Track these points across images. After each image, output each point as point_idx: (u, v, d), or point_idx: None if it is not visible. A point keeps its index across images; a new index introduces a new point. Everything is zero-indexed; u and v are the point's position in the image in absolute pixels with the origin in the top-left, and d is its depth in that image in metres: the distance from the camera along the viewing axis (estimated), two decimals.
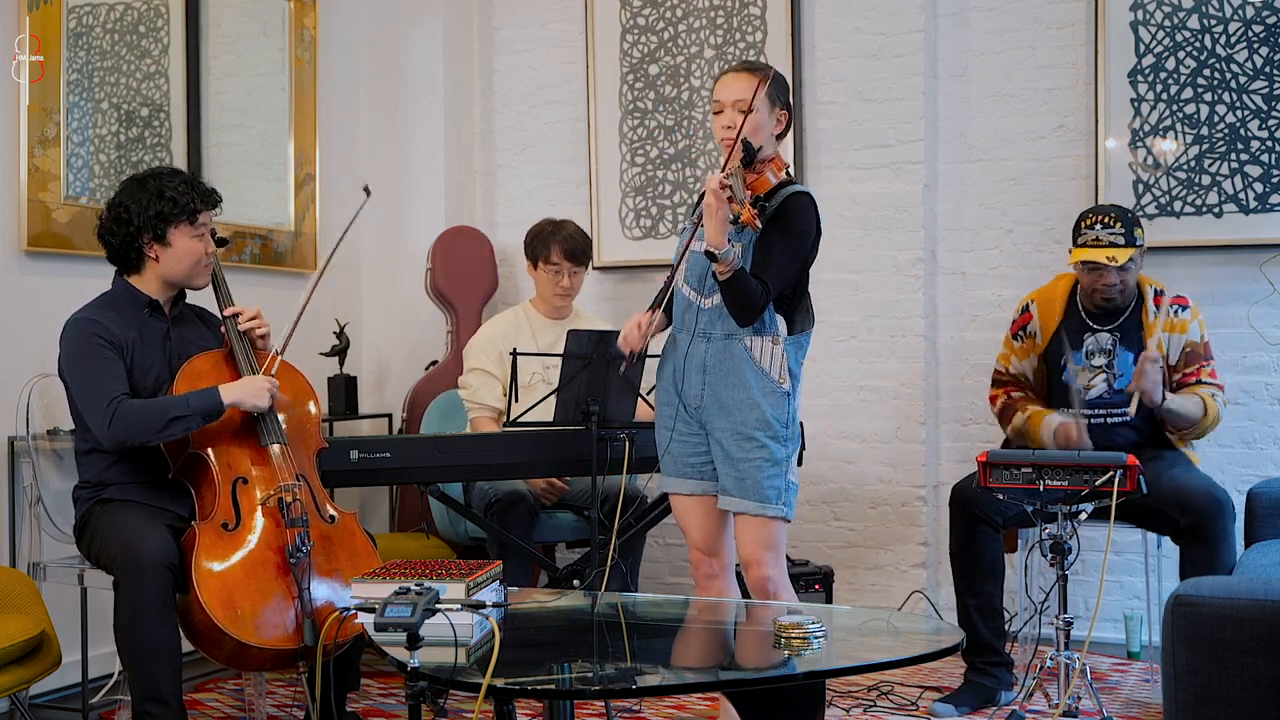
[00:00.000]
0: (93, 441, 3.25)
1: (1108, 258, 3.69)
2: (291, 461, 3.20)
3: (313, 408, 3.41)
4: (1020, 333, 3.96)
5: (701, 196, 3.36)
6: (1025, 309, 3.97)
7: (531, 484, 4.15)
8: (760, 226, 3.00)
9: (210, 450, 3.17)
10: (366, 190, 3.54)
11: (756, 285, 3.05)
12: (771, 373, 3.11)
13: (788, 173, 3.21)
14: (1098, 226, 3.74)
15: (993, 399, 4.02)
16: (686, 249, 3.20)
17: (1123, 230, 3.72)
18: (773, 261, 3.10)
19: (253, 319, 3.37)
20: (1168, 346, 3.80)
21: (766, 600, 3.16)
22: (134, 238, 3.28)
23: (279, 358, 3.30)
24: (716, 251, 2.97)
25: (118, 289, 3.35)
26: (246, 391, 3.18)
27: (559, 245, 4.34)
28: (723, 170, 3.08)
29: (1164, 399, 3.68)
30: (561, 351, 3.65)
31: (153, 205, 3.26)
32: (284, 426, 3.27)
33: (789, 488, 3.14)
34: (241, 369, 3.28)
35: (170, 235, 3.28)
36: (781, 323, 3.14)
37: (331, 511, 3.27)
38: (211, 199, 3.37)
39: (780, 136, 3.25)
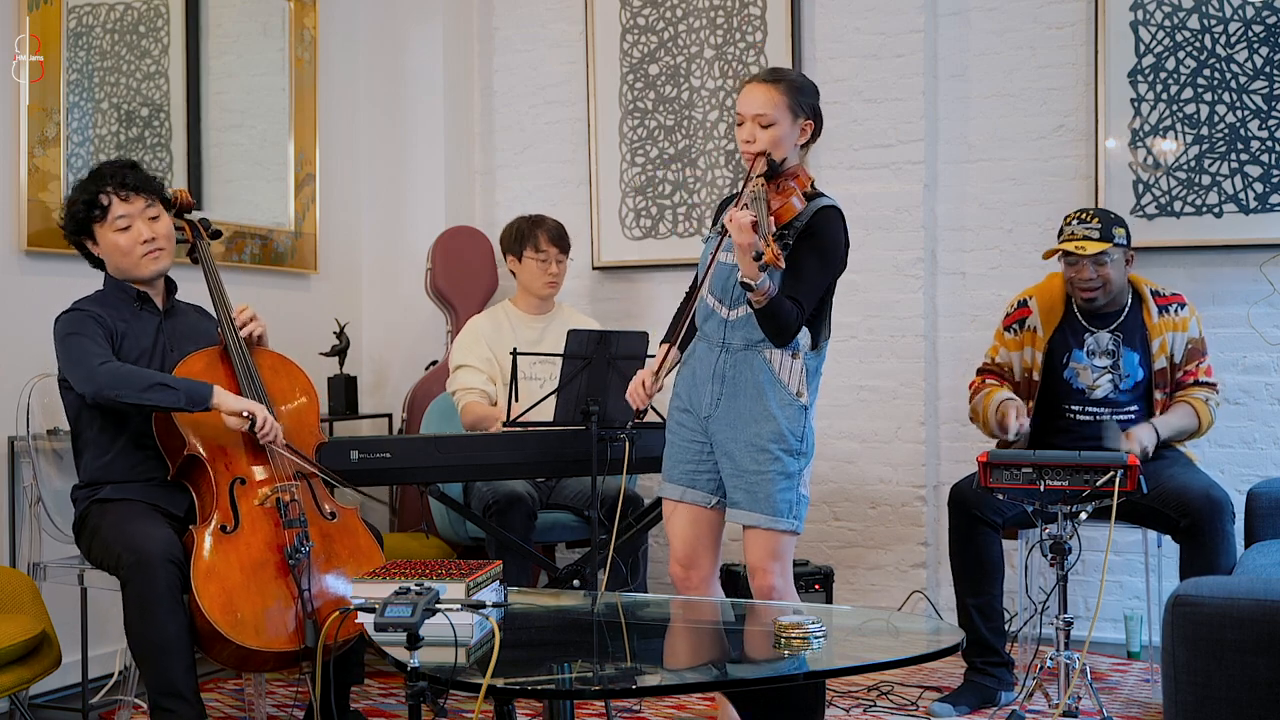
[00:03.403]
0: (87, 438, 3.26)
1: (1075, 247, 3.75)
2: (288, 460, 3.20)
3: (308, 401, 3.41)
4: (1016, 325, 3.97)
5: (722, 204, 3.35)
6: (1023, 303, 3.98)
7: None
8: (783, 265, 2.92)
9: (208, 451, 3.17)
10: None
11: (791, 307, 3.00)
12: (790, 386, 3.08)
13: (813, 186, 3.16)
14: (1074, 223, 3.82)
15: (971, 385, 4.04)
16: (713, 261, 3.13)
17: (1099, 226, 3.77)
18: (804, 281, 3.04)
19: (248, 322, 3.36)
20: (1171, 346, 3.84)
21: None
22: (78, 241, 3.32)
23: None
24: (752, 283, 2.91)
25: (108, 286, 3.35)
26: (239, 404, 3.12)
27: (544, 233, 4.39)
28: (744, 184, 3.01)
29: (1158, 437, 3.73)
30: (547, 350, 3.63)
31: (72, 209, 3.28)
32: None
33: (800, 501, 3.11)
34: (237, 368, 3.28)
35: (97, 233, 3.29)
36: (805, 336, 3.10)
37: (331, 509, 3.27)
38: (125, 182, 3.26)
39: (806, 146, 3.22)
